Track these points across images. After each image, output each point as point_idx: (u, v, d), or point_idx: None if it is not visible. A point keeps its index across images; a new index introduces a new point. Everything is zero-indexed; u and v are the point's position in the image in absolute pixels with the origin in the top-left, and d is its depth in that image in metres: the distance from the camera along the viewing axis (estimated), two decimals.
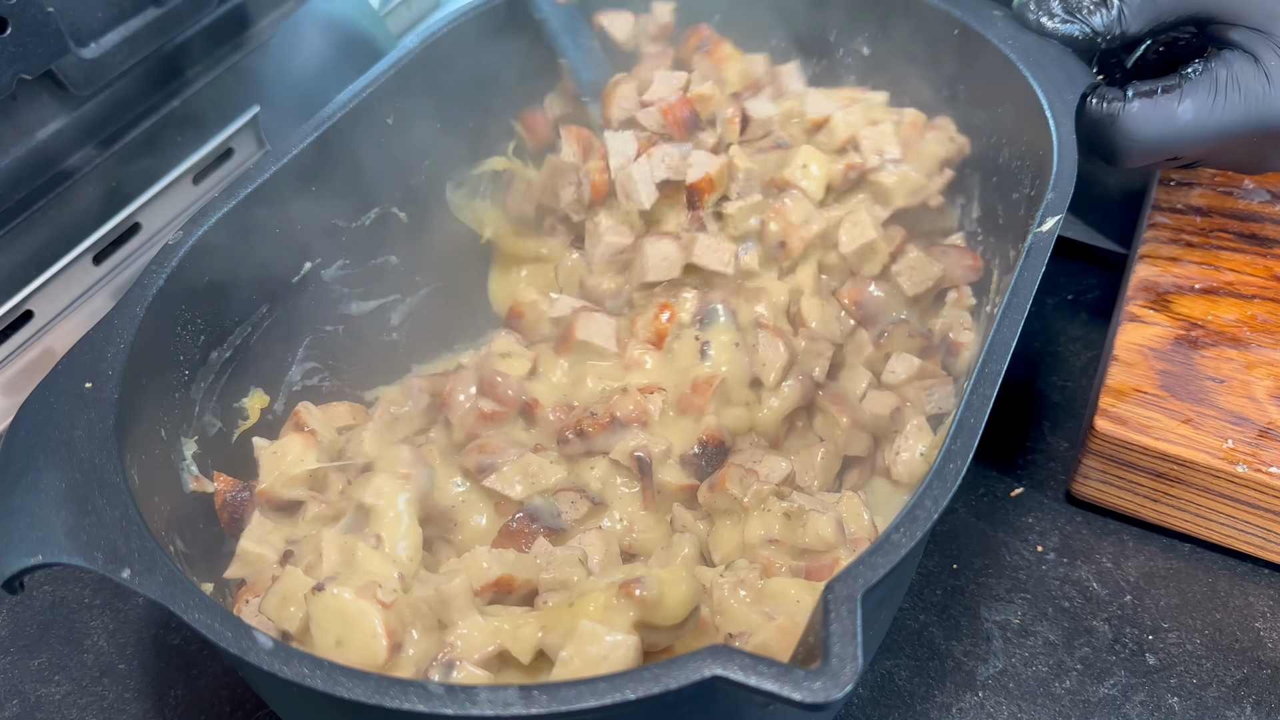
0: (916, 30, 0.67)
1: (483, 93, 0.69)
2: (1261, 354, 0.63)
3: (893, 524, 0.41)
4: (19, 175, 0.78)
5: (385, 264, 0.66)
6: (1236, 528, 0.60)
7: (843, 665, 0.35)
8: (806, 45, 0.72)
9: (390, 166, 0.64)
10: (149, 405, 0.49)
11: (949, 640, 0.59)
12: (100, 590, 0.63)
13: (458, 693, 0.35)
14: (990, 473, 0.66)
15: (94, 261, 0.79)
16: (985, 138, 0.66)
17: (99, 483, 0.42)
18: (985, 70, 0.64)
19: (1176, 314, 0.65)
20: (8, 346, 0.75)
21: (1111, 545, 0.62)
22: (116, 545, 0.40)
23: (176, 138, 0.85)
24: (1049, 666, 0.57)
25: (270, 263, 0.59)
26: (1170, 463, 0.59)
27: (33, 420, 0.45)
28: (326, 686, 0.35)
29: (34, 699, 0.59)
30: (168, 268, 0.51)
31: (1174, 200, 0.72)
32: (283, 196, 0.58)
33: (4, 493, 0.43)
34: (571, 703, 0.35)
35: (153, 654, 0.60)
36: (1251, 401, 0.60)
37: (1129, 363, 0.62)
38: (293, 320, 0.61)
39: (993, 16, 0.64)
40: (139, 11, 0.81)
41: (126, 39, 0.80)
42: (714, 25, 0.71)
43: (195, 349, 0.54)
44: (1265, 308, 0.65)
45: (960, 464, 0.43)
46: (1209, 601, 0.60)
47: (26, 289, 0.75)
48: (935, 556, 0.62)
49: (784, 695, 0.35)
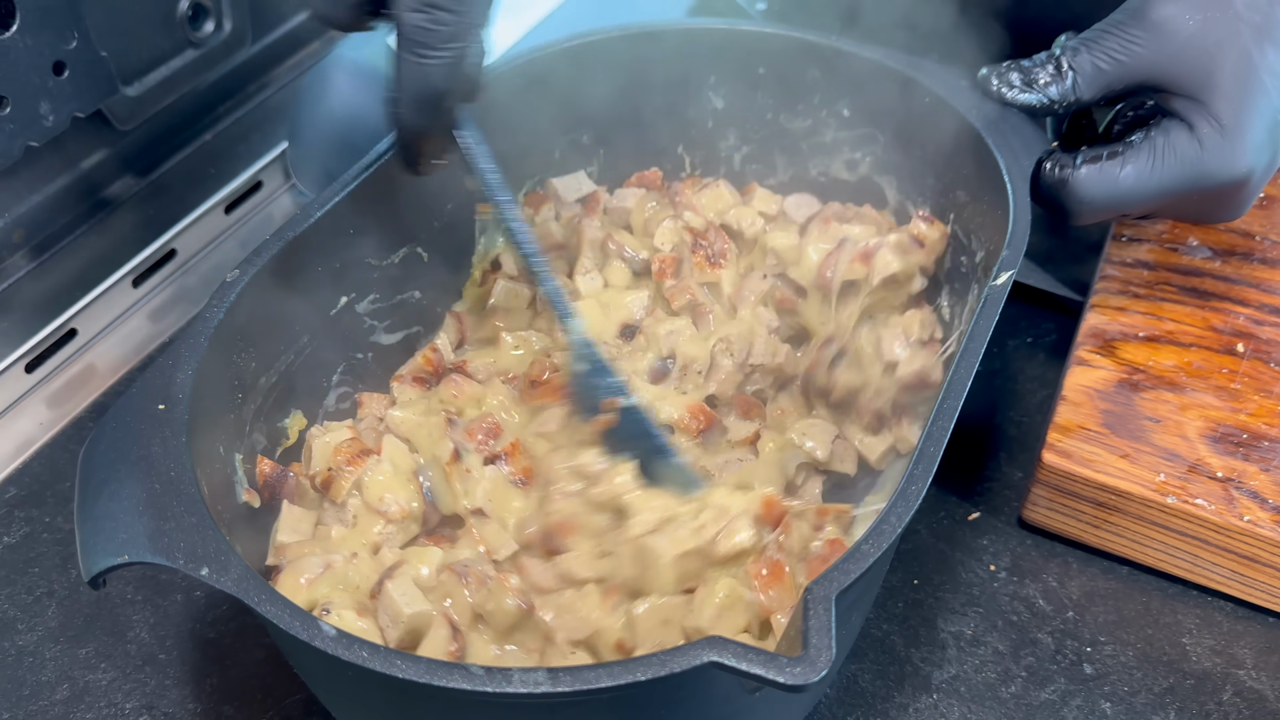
0: (892, 97, 0.73)
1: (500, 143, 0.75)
2: (1195, 397, 0.70)
3: (862, 537, 0.48)
4: (65, 203, 0.85)
5: (410, 298, 0.72)
6: (1168, 553, 0.67)
7: (819, 654, 0.42)
8: (793, 104, 0.79)
9: (418, 210, 0.71)
10: (210, 425, 0.56)
11: (908, 648, 0.65)
12: (141, 588, 0.69)
13: (495, 674, 0.41)
14: (951, 498, 0.72)
15: (133, 284, 0.85)
16: (952, 195, 0.73)
17: (176, 493, 0.48)
18: (951, 135, 0.70)
19: (1121, 359, 0.72)
20: (53, 363, 0.80)
21: (1057, 566, 0.69)
22: (195, 547, 0.46)
23: (210, 170, 0.91)
24: (997, 673, 0.64)
25: (312, 297, 0.65)
26: (1109, 493, 0.66)
27: (111, 437, 0.51)
28: (384, 668, 0.42)
29: (82, 684, 0.64)
30: (227, 302, 0.57)
31: (1124, 255, 0.79)
32: (325, 238, 0.64)
33: (88, 501, 0.49)
34: (591, 683, 0.41)
35: (190, 645, 0.66)
36: (1184, 440, 0.67)
37: (1076, 402, 0.69)
38: (329, 349, 0.67)
39: (960, 86, 0.71)
40: (179, 53, 0.87)
41: (167, 78, 0.87)
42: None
43: (247, 374, 0.60)
44: (1201, 355, 0.72)
45: (920, 486, 0.50)
46: (1142, 618, 0.67)
47: (71, 309, 0.81)
48: (899, 572, 0.68)
49: (769, 678, 0.41)
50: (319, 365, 0.67)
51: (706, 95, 0.79)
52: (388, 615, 0.53)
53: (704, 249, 0.73)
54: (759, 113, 0.80)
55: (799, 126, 0.79)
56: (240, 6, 0.89)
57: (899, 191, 0.78)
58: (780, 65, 0.77)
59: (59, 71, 0.76)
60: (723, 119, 0.81)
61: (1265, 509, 0.64)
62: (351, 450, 0.61)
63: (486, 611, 0.54)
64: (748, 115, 0.80)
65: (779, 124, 0.80)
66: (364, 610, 0.54)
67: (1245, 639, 0.65)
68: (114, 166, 0.87)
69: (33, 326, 0.79)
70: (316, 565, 0.55)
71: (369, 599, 0.55)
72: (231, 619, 0.67)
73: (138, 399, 0.53)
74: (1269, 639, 0.65)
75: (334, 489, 0.59)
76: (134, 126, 0.87)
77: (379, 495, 0.59)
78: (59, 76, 0.76)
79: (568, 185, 0.77)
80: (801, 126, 0.79)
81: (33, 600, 0.68)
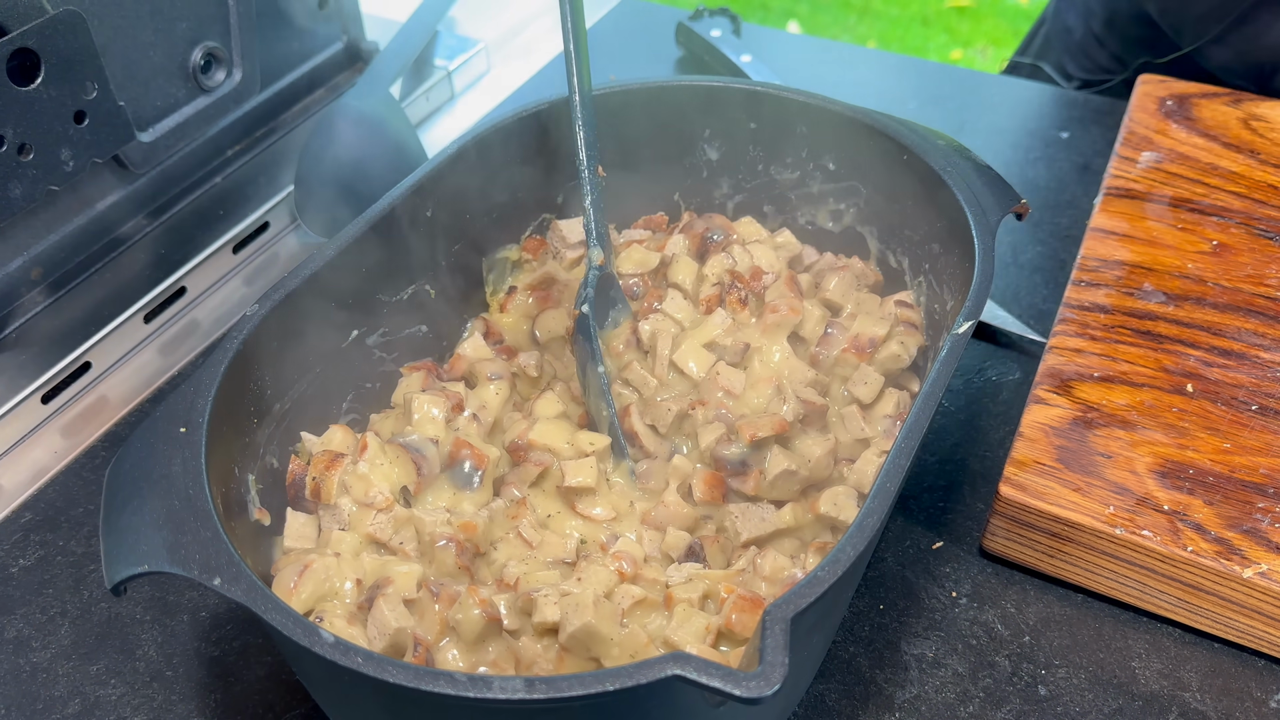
0: (873, 152, 0.77)
1: (505, 189, 0.80)
2: (1145, 434, 0.74)
3: (819, 565, 0.52)
4: (80, 241, 0.89)
5: (417, 332, 0.77)
6: (1118, 581, 0.70)
7: (773, 670, 0.46)
8: (782, 157, 0.83)
9: (425, 250, 0.75)
10: (227, 447, 0.60)
11: (873, 669, 0.69)
12: (150, 608, 0.73)
13: (478, 681, 0.45)
14: (916, 528, 0.76)
15: (145, 320, 0.88)
16: (928, 247, 0.76)
17: (193, 509, 0.52)
18: (926, 190, 0.74)
19: (1076, 398, 0.76)
20: (68, 394, 0.84)
21: (1015, 593, 0.73)
22: (209, 559, 0.50)
23: (219, 211, 0.95)
24: (956, 694, 0.68)
25: (325, 330, 0.69)
26: (1062, 524, 0.69)
27: (135, 457, 0.56)
28: (376, 673, 0.46)
29: (93, 699, 0.68)
30: (244, 333, 0.62)
31: (1082, 298, 0.83)
32: (339, 275, 0.68)
33: (113, 515, 0.54)
34: (564, 691, 0.45)
35: (195, 663, 0.70)
36: (1133, 475, 0.71)
37: (1032, 438, 0.73)
38: (339, 378, 0.71)
39: (936, 144, 0.76)
40: (191, 100, 0.91)
41: (179, 124, 0.91)
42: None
43: (262, 401, 0.64)
44: (1152, 395, 0.76)
45: (876, 519, 0.53)
46: (1094, 643, 0.70)
47: (85, 344, 0.84)
48: (865, 598, 0.72)
49: (727, 691, 0.45)
50: (330, 393, 0.71)
51: (701, 147, 0.84)
52: (376, 627, 0.57)
53: (737, 291, 0.77)
54: (750, 164, 0.84)
55: (787, 178, 0.84)
56: (250, 56, 0.94)
57: (879, 241, 0.82)
58: (770, 120, 0.81)
59: (79, 120, 0.80)
60: (716, 169, 0.85)
61: (1208, 540, 0.68)
62: (325, 459, 0.65)
63: (456, 622, 0.58)
64: (740, 166, 0.85)
65: (769, 175, 0.84)
66: (353, 619, 0.58)
67: (1191, 663, 0.69)
68: (128, 208, 0.91)
69: (49, 360, 0.83)
70: (293, 571, 0.59)
71: (358, 609, 0.59)
72: (235, 638, 0.71)
73: (161, 422, 0.57)
74: (1213, 663, 0.69)
75: (323, 494, 0.64)
76: (148, 170, 0.91)
77: (364, 491, 0.64)
78: (79, 125, 0.80)
79: (571, 228, 0.82)
80: (790, 178, 0.84)
81: (46, 619, 0.72)
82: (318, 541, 0.64)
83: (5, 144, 0.75)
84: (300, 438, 0.68)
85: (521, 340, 0.80)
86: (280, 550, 0.63)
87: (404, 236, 0.73)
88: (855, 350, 0.74)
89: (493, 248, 0.82)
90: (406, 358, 0.76)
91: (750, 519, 0.68)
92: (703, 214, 0.85)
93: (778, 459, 0.69)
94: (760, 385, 0.73)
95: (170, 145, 0.91)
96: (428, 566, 0.62)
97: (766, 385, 0.73)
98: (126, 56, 0.84)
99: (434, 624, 0.58)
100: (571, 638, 0.57)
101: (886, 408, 0.72)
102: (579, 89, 0.74)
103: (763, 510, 0.69)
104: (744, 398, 0.73)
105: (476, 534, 0.64)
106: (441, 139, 1.09)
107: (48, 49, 0.76)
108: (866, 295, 0.79)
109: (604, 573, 0.62)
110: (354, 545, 0.62)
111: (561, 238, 0.82)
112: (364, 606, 0.59)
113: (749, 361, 0.75)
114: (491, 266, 0.82)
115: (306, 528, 0.63)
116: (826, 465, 0.70)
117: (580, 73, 0.74)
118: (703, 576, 0.63)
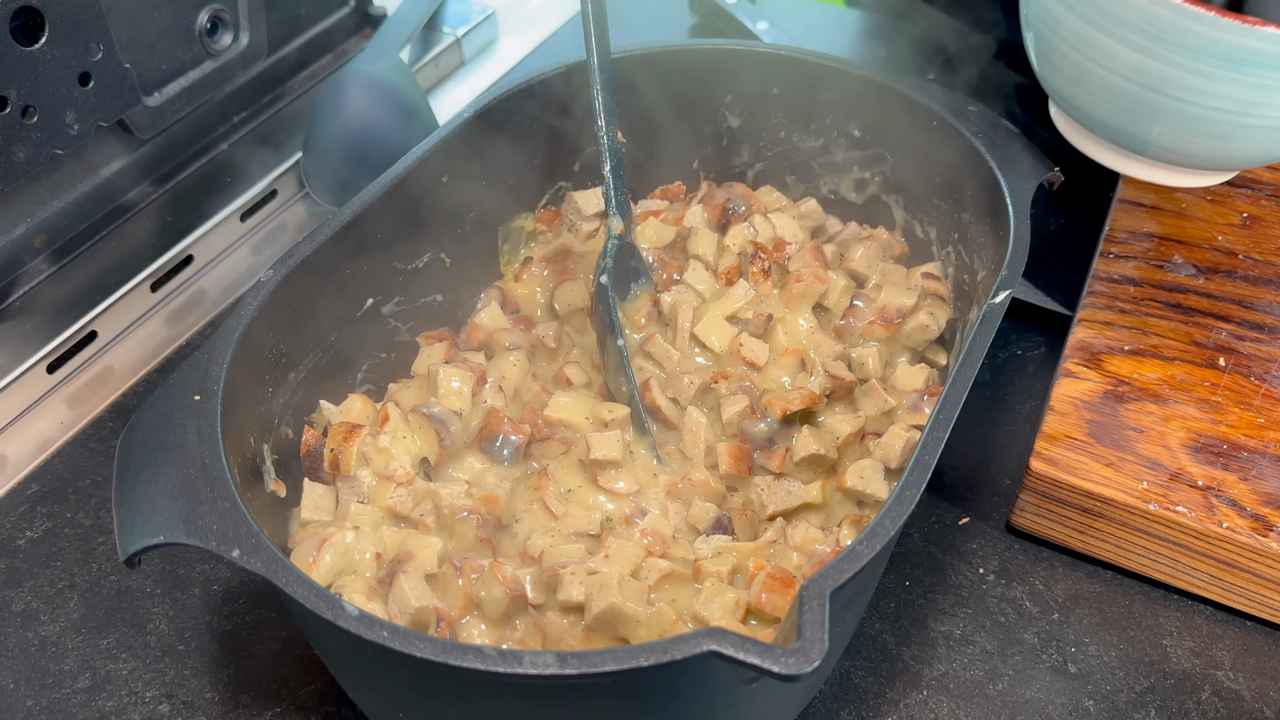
0: (901, 119, 0.76)
1: (520, 156, 0.78)
2: (1177, 409, 0.72)
3: (858, 539, 0.50)
4: (85, 208, 0.87)
5: (433, 301, 0.75)
6: (1150, 558, 0.69)
7: (812, 646, 0.44)
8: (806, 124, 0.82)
9: (441, 217, 0.73)
10: (242, 416, 0.58)
11: (899, 646, 0.68)
12: (161, 581, 0.71)
13: (508, 655, 0.44)
14: (942, 503, 0.75)
15: (151, 289, 0.87)
16: (958, 216, 0.75)
17: (209, 479, 0.51)
18: (957, 158, 0.72)
19: (1107, 372, 0.75)
20: (73, 364, 0.82)
21: (1044, 570, 0.72)
22: (227, 530, 0.49)
23: (226, 178, 0.93)
24: (984, 671, 0.67)
25: (340, 298, 0.67)
26: (1094, 500, 0.68)
27: (149, 426, 0.54)
28: (403, 647, 0.44)
29: (104, 673, 0.67)
30: (259, 300, 0.60)
31: (1111, 271, 0.82)
32: (353, 242, 0.66)
33: (126, 485, 0.52)
34: (596, 666, 0.44)
35: (208, 637, 0.68)
36: (1166, 450, 0.70)
37: (1063, 412, 0.72)
38: (355, 347, 0.70)
39: (967, 110, 0.74)
40: (198, 64, 0.90)
41: (186, 89, 0.89)
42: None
43: (278, 370, 0.63)
44: (1184, 369, 0.75)
45: (915, 492, 0.52)
46: (1124, 620, 0.69)
47: (91, 312, 0.83)
48: (891, 574, 0.71)
49: (764, 667, 0.44)
50: (345, 362, 0.70)
51: (722, 113, 0.82)
52: (397, 605, 0.56)
53: (760, 262, 0.75)
54: (773, 131, 0.82)
55: (811, 145, 0.82)
56: (257, 19, 0.91)
57: (905, 211, 0.80)
58: (794, 86, 0.79)
59: (84, 82, 0.78)
60: (737, 137, 0.83)
61: (1243, 516, 0.66)
62: (343, 430, 0.63)
63: (480, 600, 0.57)
64: (761, 133, 0.83)
65: (792, 142, 0.82)
66: (373, 594, 0.56)
67: (1224, 641, 0.68)
68: (133, 174, 0.90)
69: (54, 329, 0.81)
70: (312, 544, 0.58)
71: (377, 584, 0.57)
72: (248, 612, 0.69)
73: (175, 390, 0.56)
74: (1246, 641, 0.68)
75: (342, 466, 0.62)
76: (153, 135, 0.89)
77: (384, 464, 0.62)
78: (84, 87, 0.78)
79: (587, 199, 0.80)
80: (813, 145, 0.82)
81: (55, 592, 0.70)
82: (335, 514, 0.62)
83: (9, 106, 0.74)
84: (318, 407, 0.66)
85: (537, 311, 0.79)
86: (297, 523, 0.62)
87: (420, 203, 0.71)
88: (883, 322, 0.72)
89: (508, 216, 0.80)
90: (421, 327, 0.75)
91: (776, 492, 0.67)
92: (722, 183, 0.83)
93: (806, 441, 0.67)
94: (784, 358, 0.72)
95: (176, 110, 0.89)
96: (448, 539, 0.61)
97: (791, 357, 0.72)
98: (131, 17, 0.82)
99: (457, 599, 0.57)
100: (597, 619, 0.56)
101: (916, 382, 0.70)
102: (596, 50, 0.72)
103: (789, 484, 0.67)
104: (767, 370, 0.72)
105: (498, 506, 0.62)
106: (451, 107, 1.07)
107: (52, 7, 0.74)
108: (892, 266, 0.77)
109: (631, 548, 0.60)
110: (374, 518, 0.60)
111: (577, 210, 0.80)
112: (384, 581, 0.57)
113: (772, 333, 0.73)
114: (506, 236, 0.80)
115: (324, 500, 0.62)
116: (854, 444, 0.69)
117: (598, 35, 0.72)
118: (732, 549, 0.62)
